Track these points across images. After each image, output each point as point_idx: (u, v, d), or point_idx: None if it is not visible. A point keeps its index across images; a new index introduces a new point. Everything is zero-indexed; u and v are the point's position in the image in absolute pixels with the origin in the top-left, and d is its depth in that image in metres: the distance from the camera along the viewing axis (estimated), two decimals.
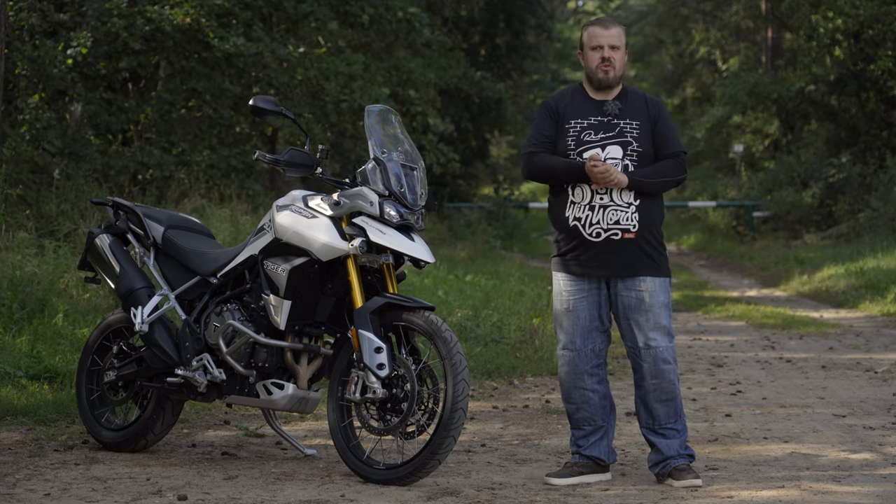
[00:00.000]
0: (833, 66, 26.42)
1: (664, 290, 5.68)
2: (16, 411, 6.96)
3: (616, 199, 5.60)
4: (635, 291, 5.64)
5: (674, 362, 5.68)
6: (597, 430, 5.75)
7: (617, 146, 5.63)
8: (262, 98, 5.95)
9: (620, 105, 5.70)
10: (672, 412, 5.70)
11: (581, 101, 5.75)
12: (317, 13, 17.02)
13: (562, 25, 51.25)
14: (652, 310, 5.64)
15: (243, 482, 5.59)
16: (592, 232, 5.62)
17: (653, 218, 5.66)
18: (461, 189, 30.81)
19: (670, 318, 5.72)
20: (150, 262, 6.43)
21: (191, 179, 14.55)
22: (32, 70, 14.20)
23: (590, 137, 5.66)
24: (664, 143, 5.69)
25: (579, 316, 5.71)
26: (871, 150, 25.90)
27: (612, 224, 5.60)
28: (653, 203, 5.67)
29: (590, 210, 5.62)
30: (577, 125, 5.68)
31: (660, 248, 5.69)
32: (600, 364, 5.76)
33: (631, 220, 5.60)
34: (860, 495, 5.36)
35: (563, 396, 5.82)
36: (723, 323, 13.91)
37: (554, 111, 5.75)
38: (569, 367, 5.75)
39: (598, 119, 5.68)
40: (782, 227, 27.26)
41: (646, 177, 5.60)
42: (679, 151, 5.70)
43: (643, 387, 5.71)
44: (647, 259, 5.63)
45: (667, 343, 5.67)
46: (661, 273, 5.68)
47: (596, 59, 5.69)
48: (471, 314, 11.21)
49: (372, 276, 5.81)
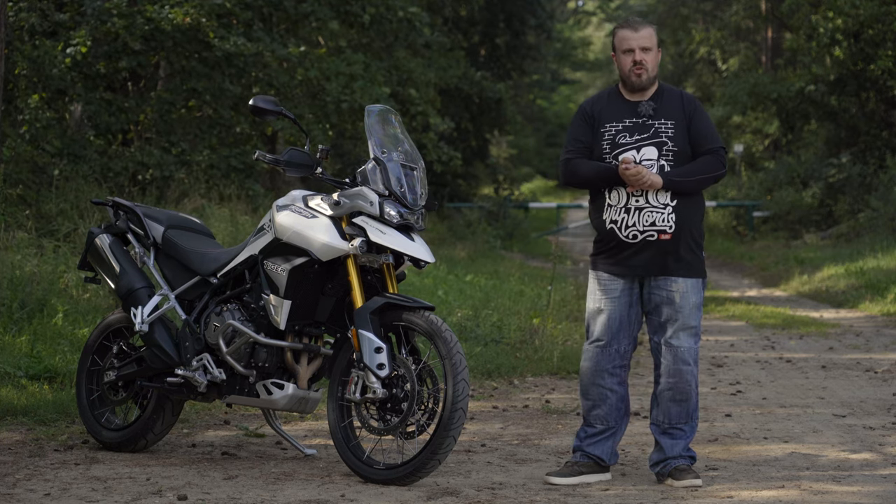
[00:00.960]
0: (833, 66, 26.43)
1: (696, 291, 5.67)
2: (16, 411, 6.96)
3: (652, 201, 5.59)
4: (667, 291, 5.63)
5: (694, 364, 5.67)
6: (607, 429, 5.75)
7: (652, 147, 5.61)
8: (262, 98, 5.95)
9: (655, 105, 5.67)
10: (684, 413, 5.70)
11: (616, 103, 5.72)
12: (317, 13, 17.02)
13: (562, 25, 51.25)
14: (682, 310, 5.63)
15: (243, 482, 5.59)
16: (629, 234, 5.61)
17: (691, 217, 5.63)
18: (461, 189, 30.81)
19: (700, 319, 5.71)
20: (150, 262, 6.43)
21: (190, 179, 14.55)
22: (32, 70, 14.20)
23: (625, 140, 5.64)
24: (701, 140, 5.65)
25: (610, 316, 5.71)
26: (871, 150, 25.90)
27: (648, 226, 5.58)
28: (691, 202, 5.63)
29: (626, 213, 5.60)
30: (612, 128, 5.66)
31: (696, 248, 5.66)
32: (623, 365, 5.75)
33: (667, 221, 5.58)
34: (860, 495, 5.36)
35: (581, 392, 5.81)
36: (723, 323, 13.91)
37: (589, 115, 5.72)
38: (591, 362, 5.74)
39: (633, 121, 5.66)
40: (782, 227, 27.26)
41: (681, 176, 5.57)
42: (717, 147, 5.65)
43: (660, 384, 5.71)
44: (681, 260, 5.61)
45: (690, 344, 5.66)
46: (694, 274, 5.66)
47: (628, 62, 5.66)
48: (471, 314, 11.21)
49: (372, 276, 5.80)
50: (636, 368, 9.53)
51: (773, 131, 31.36)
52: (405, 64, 20.46)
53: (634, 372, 9.28)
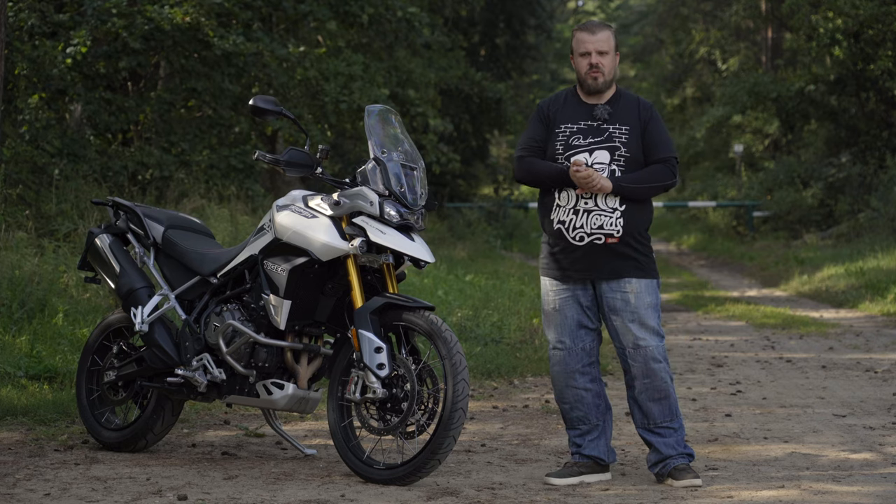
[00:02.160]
0: (833, 66, 26.43)
1: (650, 291, 5.67)
2: (16, 411, 6.96)
3: (601, 204, 5.60)
4: (620, 293, 5.63)
5: (665, 361, 5.68)
6: (592, 429, 5.75)
7: (604, 151, 5.63)
8: (262, 98, 5.95)
9: (611, 109, 5.69)
10: (667, 410, 5.69)
11: (573, 105, 5.75)
12: (316, 13, 17.00)
13: (562, 25, 51.22)
14: (638, 311, 5.63)
15: (243, 482, 5.59)
16: (576, 236, 5.62)
17: (638, 223, 5.65)
18: (461, 189, 30.80)
19: (659, 318, 5.70)
20: (150, 261, 6.43)
21: (190, 179, 14.54)
22: (32, 70, 14.20)
23: (578, 142, 5.66)
24: (654, 148, 5.67)
25: (566, 315, 5.71)
26: (871, 150, 25.90)
27: (595, 228, 5.60)
28: (639, 208, 5.65)
29: (574, 214, 5.62)
30: (567, 129, 5.69)
31: (645, 250, 5.68)
32: (592, 363, 5.75)
33: (615, 225, 5.59)
34: (860, 495, 5.36)
35: (557, 396, 5.82)
36: (723, 323, 13.91)
37: (545, 115, 5.76)
38: (560, 366, 5.75)
39: (588, 123, 5.68)
40: (782, 227, 27.26)
41: (631, 182, 5.59)
42: (669, 156, 5.66)
43: (635, 387, 5.70)
44: (631, 261, 5.62)
45: (656, 342, 5.66)
46: (647, 275, 5.66)
47: (584, 65, 5.69)
48: (471, 314, 11.21)
49: (372, 275, 5.81)
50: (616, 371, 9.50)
51: (773, 131, 31.35)
52: (405, 64, 20.45)
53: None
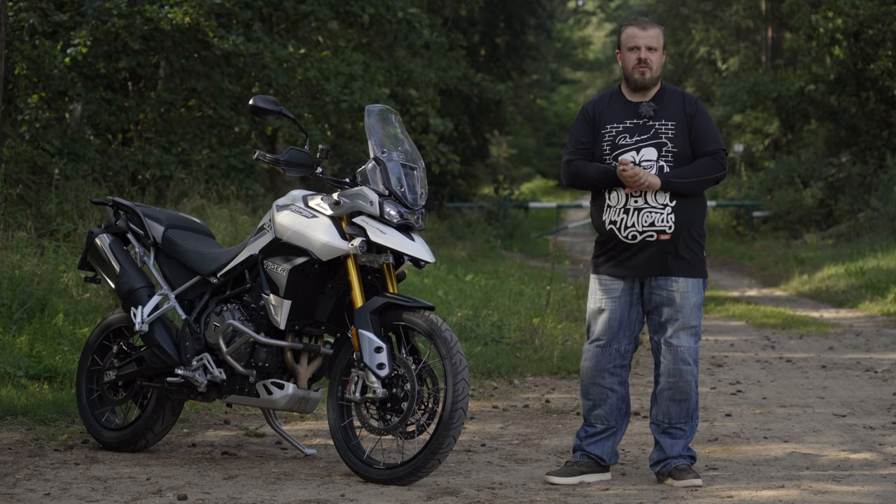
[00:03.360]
0: (833, 65, 26.44)
1: (697, 291, 5.67)
2: (16, 411, 6.96)
3: (651, 202, 5.60)
4: (667, 291, 5.64)
5: (694, 364, 5.67)
6: (608, 429, 5.75)
7: (652, 148, 5.62)
8: (262, 98, 5.94)
9: (656, 106, 5.68)
10: (684, 413, 5.70)
11: (618, 104, 5.74)
12: (317, 13, 17.00)
13: (562, 25, 51.25)
14: (682, 310, 5.64)
15: (243, 482, 5.59)
16: (628, 235, 5.62)
17: (691, 218, 5.63)
18: (461, 189, 30.81)
19: (700, 318, 5.71)
20: (150, 261, 6.43)
21: (190, 179, 14.54)
22: (32, 70, 14.20)
23: (625, 141, 5.66)
24: (701, 141, 5.66)
25: (611, 316, 5.72)
26: (871, 149, 25.91)
27: (647, 226, 5.59)
28: (691, 202, 5.64)
29: (625, 213, 5.62)
30: (613, 129, 5.68)
31: (697, 248, 5.67)
32: (624, 365, 5.76)
33: (667, 221, 5.59)
34: (860, 495, 5.36)
35: (582, 392, 5.81)
36: (723, 323, 13.91)
37: (590, 117, 5.75)
38: (592, 361, 5.75)
39: (634, 122, 5.67)
40: (782, 227, 27.26)
41: (679, 177, 5.58)
42: (718, 149, 5.65)
43: (660, 383, 5.72)
44: (681, 260, 5.62)
45: (690, 344, 5.66)
46: (695, 274, 5.66)
47: (633, 59, 5.67)
48: (471, 314, 11.21)
49: (372, 275, 5.80)
50: (636, 368, 9.53)
51: (773, 131, 31.36)
52: (405, 64, 20.45)
53: (635, 372, 9.28)
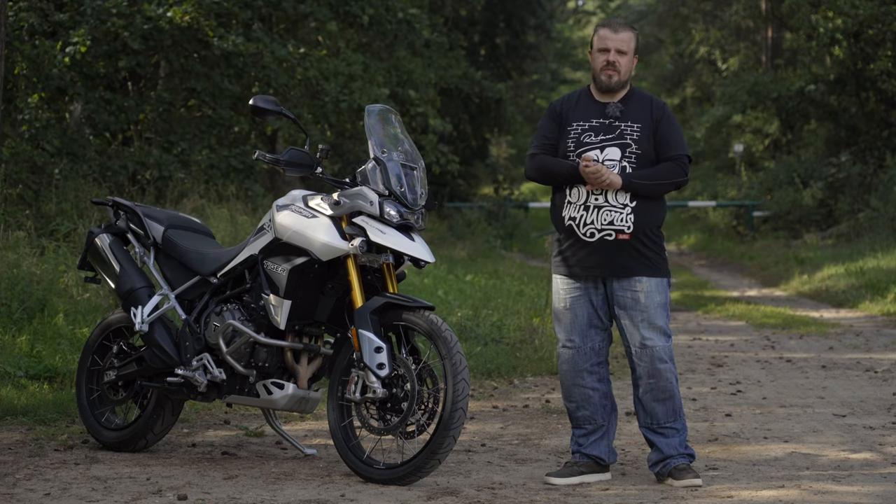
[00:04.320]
0: (833, 65, 26.44)
1: (661, 290, 5.68)
2: (16, 411, 6.96)
3: (611, 200, 5.62)
4: (631, 291, 5.65)
5: (671, 361, 5.69)
6: (597, 429, 5.76)
7: (615, 148, 5.65)
8: (262, 98, 5.95)
9: (622, 107, 5.72)
10: (671, 411, 5.70)
11: (586, 103, 5.79)
12: (316, 13, 17.00)
13: (562, 25, 51.25)
14: (647, 310, 5.64)
15: (243, 482, 5.59)
16: (587, 232, 5.64)
17: (650, 219, 5.66)
18: (461, 189, 30.79)
19: (668, 318, 5.72)
20: (150, 261, 6.43)
21: (190, 179, 14.54)
22: (32, 70, 14.19)
23: (589, 139, 5.69)
24: (666, 146, 5.69)
25: (577, 314, 5.72)
26: (871, 149, 25.91)
27: (605, 224, 5.61)
28: (651, 204, 5.67)
29: (584, 210, 5.64)
30: (579, 127, 5.73)
31: (657, 248, 5.69)
32: (601, 362, 5.76)
33: (626, 221, 5.61)
34: (860, 495, 5.36)
35: (564, 395, 5.82)
36: (723, 323, 13.91)
37: (557, 114, 5.80)
38: (568, 364, 5.75)
39: (600, 121, 5.71)
40: (782, 227, 27.26)
41: (641, 178, 5.60)
42: (681, 154, 5.69)
43: (640, 386, 5.72)
44: (642, 259, 5.64)
45: (663, 343, 5.67)
46: (658, 273, 5.68)
47: (601, 61, 5.72)
48: (471, 314, 11.21)
49: (372, 275, 5.81)
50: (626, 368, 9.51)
51: (773, 131, 31.35)
52: (405, 64, 20.45)
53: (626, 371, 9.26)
